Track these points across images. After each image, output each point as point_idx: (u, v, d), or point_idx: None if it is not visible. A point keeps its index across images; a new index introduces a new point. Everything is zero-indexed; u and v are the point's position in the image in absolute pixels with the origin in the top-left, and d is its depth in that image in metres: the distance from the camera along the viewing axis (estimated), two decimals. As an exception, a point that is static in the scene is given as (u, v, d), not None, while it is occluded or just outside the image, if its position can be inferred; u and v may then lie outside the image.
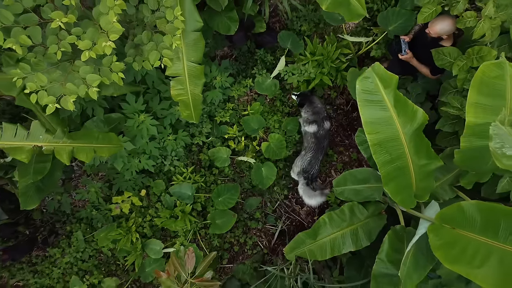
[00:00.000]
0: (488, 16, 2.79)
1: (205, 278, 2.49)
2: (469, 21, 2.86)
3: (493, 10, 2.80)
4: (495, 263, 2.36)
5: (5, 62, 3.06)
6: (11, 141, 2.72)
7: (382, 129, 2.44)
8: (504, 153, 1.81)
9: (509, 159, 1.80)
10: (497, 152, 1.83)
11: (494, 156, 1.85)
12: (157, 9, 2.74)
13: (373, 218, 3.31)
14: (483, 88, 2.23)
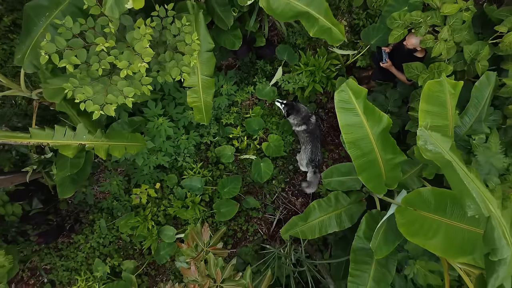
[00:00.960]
0: (443, 38, 3.61)
1: (217, 247, 3.30)
2: (429, 42, 3.69)
3: (448, 34, 3.63)
4: (443, 234, 3.17)
5: (42, 77, 3.90)
6: (61, 140, 3.55)
7: (355, 130, 3.25)
8: (427, 148, 2.61)
9: (430, 152, 2.61)
10: (422, 147, 2.64)
11: (421, 150, 2.66)
12: (177, 34, 3.57)
13: (355, 204, 4.12)
14: (430, 99, 3.04)
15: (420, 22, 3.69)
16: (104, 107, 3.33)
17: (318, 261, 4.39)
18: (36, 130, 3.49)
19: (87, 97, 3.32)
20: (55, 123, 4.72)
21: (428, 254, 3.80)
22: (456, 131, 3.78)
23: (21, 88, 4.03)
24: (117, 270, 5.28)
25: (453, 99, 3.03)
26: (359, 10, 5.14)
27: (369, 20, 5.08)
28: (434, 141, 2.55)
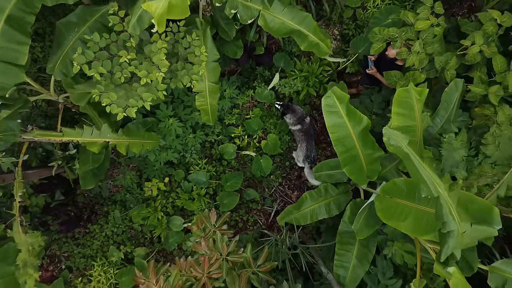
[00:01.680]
0: (416, 51, 4.36)
1: (223, 228, 4.02)
2: (404, 54, 4.43)
3: (420, 47, 4.37)
4: (412, 217, 3.89)
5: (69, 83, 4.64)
6: (89, 137, 4.29)
7: (339, 130, 3.98)
8: (390, 143, 3.34)
9: (392, 146, 3.33)
10: (387, 142, 3.36)
11: (386, 145, 3.38)
12: (188, 47, 4.32)
13: (342, 195, 4.86)
14: (400, 104, 3.77)
15: (396, 37, 4.44)
16: (126, 109, 4.08)
17: (309, 245, 5.13)
18: (68, 129, 4.23)
19: (111, 101, 4.07)
20: (74, 123, 5.49)
21: (404, 237, 4.54)
22: (429, 130, 4.52)
23: (50, 93, 4.78)
24: (129, 256, 6.02)
25: (419, 104, 3.76)
26: (349, 21, 5.88)
27: (358, 30, 5.83)
28: (395, 137, 3.29)
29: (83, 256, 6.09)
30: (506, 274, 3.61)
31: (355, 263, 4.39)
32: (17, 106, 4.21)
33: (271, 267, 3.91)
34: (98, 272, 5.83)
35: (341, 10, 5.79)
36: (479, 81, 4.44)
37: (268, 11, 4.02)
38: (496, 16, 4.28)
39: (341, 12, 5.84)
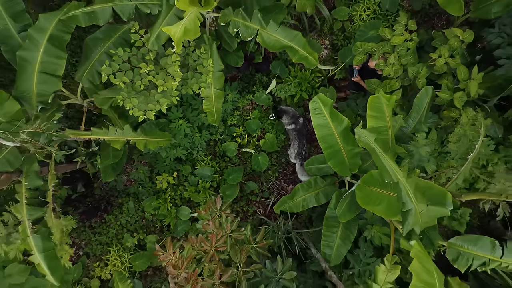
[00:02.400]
0: (391, 63, 5.36)
1: (227, 212, 5.00)
2: (381, 65, 5.43)
3: (395, 59, 5.37)
4: (385, 202, 4.88)
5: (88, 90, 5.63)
6: (113, 136, 5.28)
7: (324, 129, 4.96)
8: (360, 140, 4.32)
9: (362, 142, 4.31)
10: (358, 139, 4.34)
11: (358, 141, 4.36)
12: (197, 59, 5.31)
13: (330, 186, 5.84)
14: (373, 108, 4.75)
15: (374, 50, 5.44)
16: (146, 112, 5.07)
17: (301, 231, 6.12)
18: (96, 129, 5.23)
19: (133, 105, 5.07)
20: (92, 124, 6.49)
21: (381, 221, 5.53)
22: (403, 130, 5.50)
23: (77, 98, 5.78)
24: (141, 243, 7.01)
25: (388, 108, 4.75)
26: (338, 32, 6.88)
27: (346, 40, 6.83)
28: (364, 135, 4.26)
29: (100, 243, 7.08)
30: (460, 248, 4.61)
31: (339, 243, 5.38)
32: (53, 110, 5.22)
33: (267, 243, 4.90)
34: (114, 257, 6.83)
35: (331, 23, 6.79)
36: (446, 88, 5.44)
37: (265, 30, 5.02)
38: (458, 33, 5.27)
39: (331, 24, 6.83)
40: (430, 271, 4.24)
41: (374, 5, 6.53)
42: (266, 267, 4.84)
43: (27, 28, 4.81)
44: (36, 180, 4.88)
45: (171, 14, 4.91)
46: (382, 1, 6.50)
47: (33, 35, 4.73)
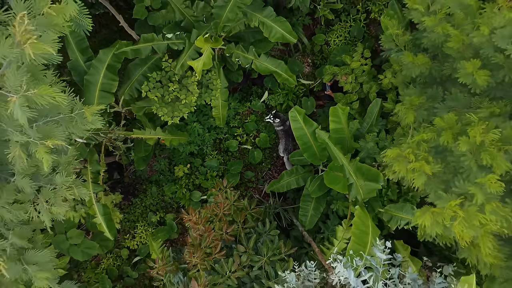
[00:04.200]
0: (349, 81, 8.31)
1: (231, 189, 7.93)
2: (342, 83, 8.38)
3: (352, 79, 8.32)
4: (342, 182, 7.80)
5: (126, 102, 8.60)
6: (149, 135, 8.23)
7: (299, 131, 7.88)
8: (320, 137, 7.22)
9: (321, 139, 7.21)
10: (319, 137, 7.25)
11: (318, 138, 7.27)
12: (209, 79, 8.28)
13: (307, 172, 8.78)
14: (333, 115, 7.62)
15: (338, 73, 8.39)
16: (173, 118, 8.03)
17: (287, 207, 9.07)
18: (137, 130, 8.18)
19: (164, 113, 8.03)
20: (127, 126, 9.44)
21: (343, 198, 8.45)
22: (360, 130, 8.42)
23: (119, 107, 8.72)
24: (161, 220, 9.95)
25: (344, 115, 7.65)
26: (317, 53, 9.82)
27: (324, 60, 9.77)
28: (322, 135, 7.18)
29: (128, 220, 10.02)
30: (391, 213, 7.53)
31: (312, 213, 8.31)
32: (105, 116, 8.19)
33: (259, 210, 7.85)
34: (140, 231, 9.78)
35: (312, 46, 9.74)
36: (390, 100, 8.37)
37: (257, 60, 7.97)
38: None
39: (312, 47, 9.78)
40: (367, 225, 7.16)
41: (345, 33, 9.47)
42: (258, 227, 7.78)
43: (91, 59, 7.78)
44: (96, 166, 7.85)
45: (192, 49, 7.84)
46: (351, 30, 9.45)
47: (96, 64, 7.69)
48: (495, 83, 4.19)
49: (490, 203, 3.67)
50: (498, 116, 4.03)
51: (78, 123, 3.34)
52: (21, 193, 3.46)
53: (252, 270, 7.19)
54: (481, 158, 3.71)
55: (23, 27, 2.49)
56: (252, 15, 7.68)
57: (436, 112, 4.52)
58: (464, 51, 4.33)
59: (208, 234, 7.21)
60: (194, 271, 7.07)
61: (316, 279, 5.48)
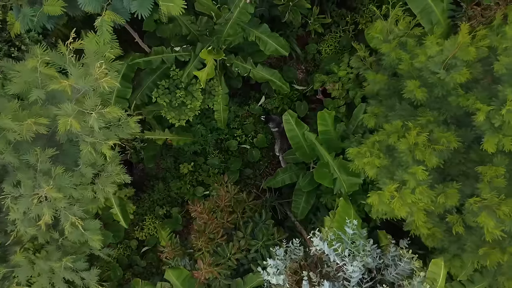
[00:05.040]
0: (336, 88, 10.10)
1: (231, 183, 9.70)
2: (330, 90, 10.17)
3: (339, 87, 10.11)
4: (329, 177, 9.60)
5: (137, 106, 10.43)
6: (158, 135, 10.03)
7: (292, 132, 9.63)
8: (309, 138, 9.02)
9: (309, 140, 9.00)
10: (308, 138, 9.05)
11: (306, 139, 9.04)
12: (212, 86, 10.09)
13: (300, 169, 10.55)
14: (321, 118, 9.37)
15: (326, 80, 10.18)
16: (180, 121, 9.84)
17: (282, 201, 10.87)
18: (147, 131, 9.99)
19: (172, 116, 9.85)
20: (136, 127, 11.26)
21: (331, 192, 10.24)
22: (347, 131, 10.21)
23: (131, 110, 10.52)
24: (167, 214, 11.76)
25: (330, 119, 9.41)
26: (310, 61, 11.60)
27: (316, 67, 11.55)
28: (310, 136, 8.95)
29: (137, 214, 11.82)
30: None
31: (303, 205, 10.09)
32: (120, 119, 9.99)
33: (256, 202, 9.66)
34: (148, 223, 11.58)
35: (306, 54, 11.52)
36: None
37: (254, 69, 9.77)
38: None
39: (305, 55, 11.56)
40: (349, 214, 8.91)
41: (335, 43, 11.24)
42: (255, 217, 9.58)
43: (108, 69, 9.59)
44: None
45: (197, 60, 9.62)
46: (341, 40, 11.21)
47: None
48: (432, 98, 5.96)
49: (419, 187, 5.42)
50: (433, 123, 5.77)
51: (123, 128, 5.09)
52: (84, 178, 5.20)
53: (249, 253, 8.99)
54: (415, 154, 5.48)
55: (101, 69, 4.26)
56: (250, 31, 9.46)
57: (389, 119, 6.28)
58: (411, 72, 6.09)
59: (211, 222, 9.01)
60: (200, 253, 8.87)
61: (300, 253, 7.25)
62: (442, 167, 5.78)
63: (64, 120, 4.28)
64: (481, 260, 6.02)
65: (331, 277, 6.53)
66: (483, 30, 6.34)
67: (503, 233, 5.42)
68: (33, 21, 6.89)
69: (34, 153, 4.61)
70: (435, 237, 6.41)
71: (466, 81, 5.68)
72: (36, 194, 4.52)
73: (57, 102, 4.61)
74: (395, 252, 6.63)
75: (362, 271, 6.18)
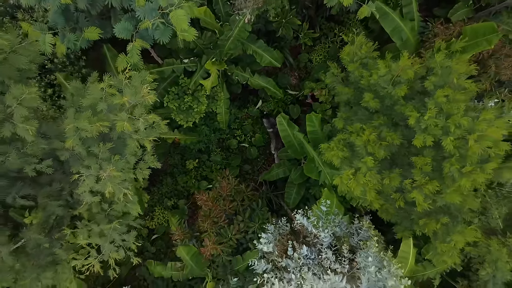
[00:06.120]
0: (323, 94, 13.08)
1: (231, 177, 12.66)
2: (318, 95, 13.16)
3: (325, 93, 13.09)
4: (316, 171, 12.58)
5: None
6: (169, 135, 13.02)
7: (284, 132, 12.55)
8: (298, 138, 11.96)
9: (299, 139, 11.94)
10: (298, 138, 11.99)
11: (295, 138, 11.97)
12: (215, 92, 13.11)
13: (292, 165, 13.51)
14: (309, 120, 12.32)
15: (315, 87, 13.17)
16: (187, 122, 12.85)
17: (277, 193, 13.84)
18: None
19: (180, 118, 12.87)
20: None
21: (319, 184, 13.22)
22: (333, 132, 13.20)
23: (144, 113, 13.51)
24: (175, 205, 14.75)
25: (317, 121, 12.35)
26: (302, 68, 14.58)
27: (307, 74, 14.53)
28: (298, 135, 11.88)
29: (148, 205, 14.80)
30: (352, 193, 12.31)
31: (295, 196, 13.07)
32: (136, 121, 13.02)
33: (254, 193, 12.65)
34: (158, 213, 14.58)
35: (298, 63, 14.51)
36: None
37: (252, 78, 12.75)
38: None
39: (298, 63, 14.55)
40: (332, 201, 11.92)
41: (324, 52, 14.22)
42: (253, 205, 12.56)
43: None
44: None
45: (202, 70, 12.61)
46: (329, 50, 14.20)
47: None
48: (384, 106, 8.91)
49: (368, 172, 8.36)
50: (383, 125, 8.68)
51: (156, 129, 8.02)
52: (128, 164, 8.12)
53: (247, 234, 11.96)
54: (368, 148, 8.41)
55: (147, 89, 7.21)
56: (248, 46, 12.45)
57: (353, 122, 9.22)
58: (369, 86, 9.04)
59: (215, 208, 12.01)
60: (206, 234, 11.87)
61: (287, 229, 10.21)
62: (389, 158, 8.74)
63: (121, 123, 7.18)
64: (421, 228, 8.93)
65: (309, 244, 9.45)
66: (428, 53, 9.31)
67: (430, 206, 8.35)
68: (76, 44, 9.90)
69: (98, 146, 7.54)
70: (388, 212, 9.35)
71: (409, 93, 8.63)
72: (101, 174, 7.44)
73: (113, 111, 7.56)
74: (358, 224, 9.59)
75: (332, 238, 9.11)
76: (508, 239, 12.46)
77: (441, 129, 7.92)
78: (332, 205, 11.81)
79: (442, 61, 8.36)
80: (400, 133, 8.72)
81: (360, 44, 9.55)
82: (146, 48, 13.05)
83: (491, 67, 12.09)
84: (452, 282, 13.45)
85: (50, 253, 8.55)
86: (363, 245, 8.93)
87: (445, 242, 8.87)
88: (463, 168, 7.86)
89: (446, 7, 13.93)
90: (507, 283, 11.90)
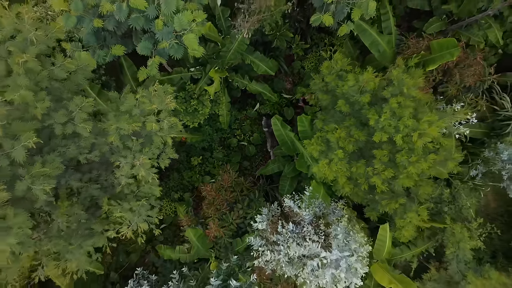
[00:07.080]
0: (312, 98, 16.91)
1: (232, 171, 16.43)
2: (308, 99, 16.98)
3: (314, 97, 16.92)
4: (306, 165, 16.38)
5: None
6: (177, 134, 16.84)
7: (278, 132, 16.21)
8: (290, 137, 15.73)
9: (290, 137, 15.70)
10: (289, 137, 15.76)
11: (287, 136, 15.73)
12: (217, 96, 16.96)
13: (286, 161, 17.28)
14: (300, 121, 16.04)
15: (305, 92, 16.98)
16: (193, 123, 16.70)
17: (272, 186, 17.64)
18: (169, 131, 16.82)
19: (187, 119, 16.74)
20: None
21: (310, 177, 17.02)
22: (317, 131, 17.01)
23: (155, 115, 17.35)
24: (181, 198, 18.54)
25: (307, 122, 16.10)
26: (296, 74, 18.37)
27: (300, 79, 18.32)
28: (290, 134, 15.62)
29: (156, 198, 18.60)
30: (336, 184, 16.15)
31: (288, 188, 16.83)
32: (148, 121, 16.91)
33: (252, 187, 16.48)
34: (165, 205, 18.39)
35: (292, 69, 18.32)
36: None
37: (250, 84, 16.52)
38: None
39: (292, 70, 18.36)
40: (319, 192, 15.72)
41: (316, 60, 18.02)
42: (251, 195, 16.36)
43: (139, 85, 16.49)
44: (144, 155, 16.55)
45: (206, 78, 16.43)
46: (320, 58, 18.00)
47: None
48: (354, 110, 12.71)
49: (339, 162, 12.13)
50: (352, 125, 12.44)
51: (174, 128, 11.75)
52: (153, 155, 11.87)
53: (245, 219, 15.76)
54: (339, 143, 12.19)
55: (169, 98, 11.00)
56: (246, 56, 16.26)
57: (329, 123, 13.01)
58: (343, 94, 12.84)
59: (217, 197, 15.82)
60: (210, 219, 15.69)
61: (278, 211, 14.01)
62: (358, 151, 12.54)
63: (150, 124, 10.92)
64: (384, 208, 12.68)
65: (295, 222, 13.23)
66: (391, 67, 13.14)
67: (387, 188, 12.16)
68: (105, 59, 13.76)
69: (132, 141, 11.33)
70: (358, 196, 13.11)
71: (373, 100, 12.44)
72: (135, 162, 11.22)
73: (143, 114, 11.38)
74: (334, 205, 13.40)
75: (312, 216, 12.90)
76: (471, 224, 16.28)
77: (394, 128, 11.72)
78: (319, 195, 15.63)
79: (398, 75, 12.16)
80: (366, 132, 12.50)
81: (336, 60, 13.36)
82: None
83: (456, 75, 15.80)
84: (427, 264, 17.28)
85: (88, 227, 12.38)
86: (337, 221, 12.74)
87: (402, 218, 12.69)
88: (410, 158, 11.67)
89: (425, 19, 17.68)
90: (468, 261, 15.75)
